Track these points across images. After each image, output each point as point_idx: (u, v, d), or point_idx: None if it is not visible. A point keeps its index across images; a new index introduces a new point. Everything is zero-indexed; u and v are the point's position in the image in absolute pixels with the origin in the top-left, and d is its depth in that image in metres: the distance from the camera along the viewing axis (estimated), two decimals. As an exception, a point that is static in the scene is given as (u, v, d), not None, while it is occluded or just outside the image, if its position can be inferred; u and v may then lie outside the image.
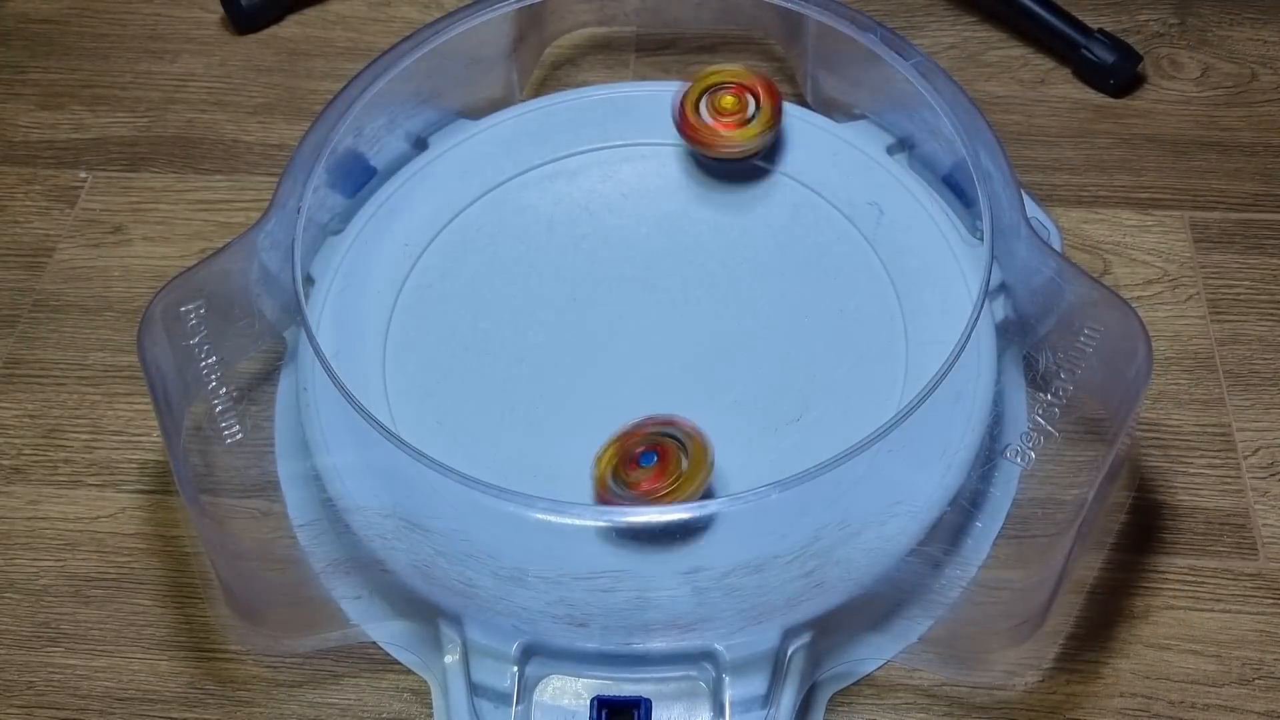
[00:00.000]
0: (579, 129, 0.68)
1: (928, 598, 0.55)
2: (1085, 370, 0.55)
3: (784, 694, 0.51)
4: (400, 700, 0.55)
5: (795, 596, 0.52)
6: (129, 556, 0.60)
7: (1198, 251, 0.69)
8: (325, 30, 0.82)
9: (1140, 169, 0.73)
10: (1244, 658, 0.56)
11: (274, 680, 0.56)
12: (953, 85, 0.62)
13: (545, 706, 0.52)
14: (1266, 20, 0.81)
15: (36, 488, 0.62)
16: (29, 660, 0.57)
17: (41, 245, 0.72)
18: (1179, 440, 0.62)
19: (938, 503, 0.54)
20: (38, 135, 0.77)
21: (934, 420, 0.55)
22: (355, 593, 0.56)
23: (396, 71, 0.64)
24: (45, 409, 0.65)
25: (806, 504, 0.53)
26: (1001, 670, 0.55)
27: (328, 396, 0.56)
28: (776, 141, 0.66)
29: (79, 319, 0.68)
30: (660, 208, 0.65)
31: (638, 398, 0.58)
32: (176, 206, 0.73)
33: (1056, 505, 0.57)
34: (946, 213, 0.64)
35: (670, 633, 0.52)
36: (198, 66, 0.81)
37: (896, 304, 0.61)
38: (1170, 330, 0.66)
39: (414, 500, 0.54)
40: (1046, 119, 0.76)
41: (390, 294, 0.62)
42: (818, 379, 0.58)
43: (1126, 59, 0.76)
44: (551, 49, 0.79)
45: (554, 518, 0.53)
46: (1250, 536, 0.59)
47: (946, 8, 0.82)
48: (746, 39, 0.80)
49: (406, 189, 0.66)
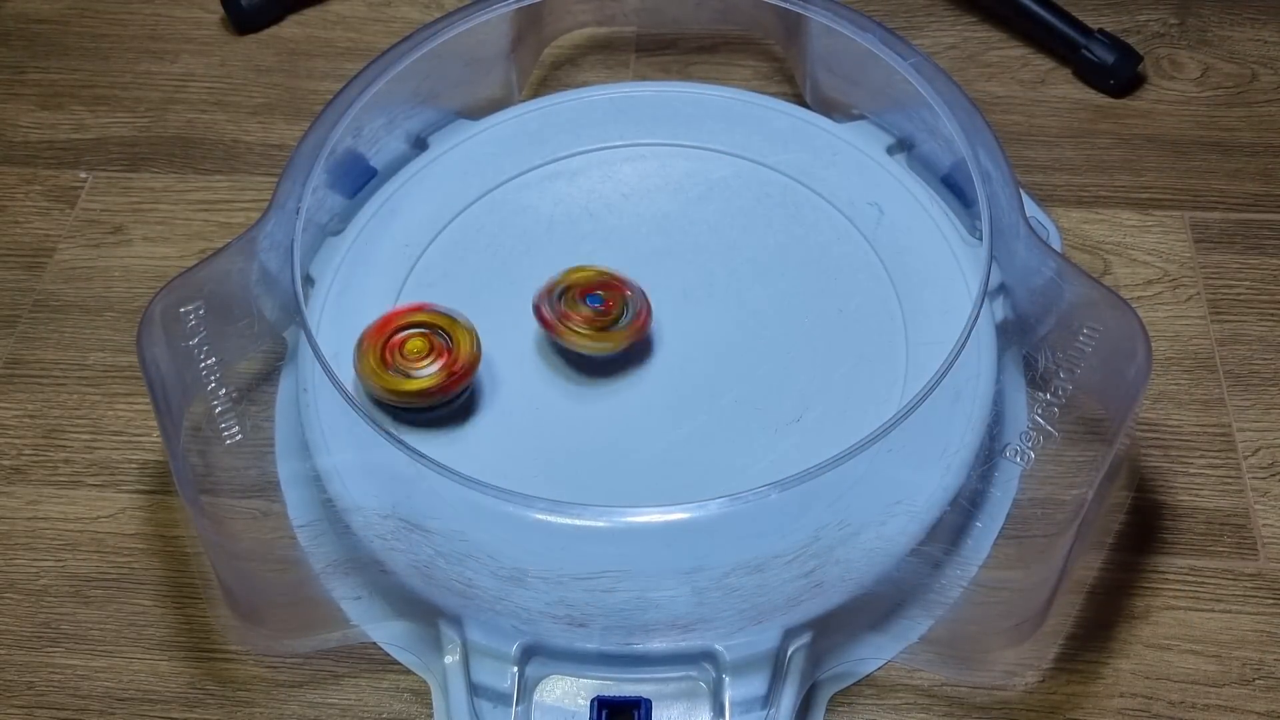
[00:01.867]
0: (579, 129, 0.68)
1: (928, 598, 0.55)
2: (1085, 370, 0.55)
3: (784, 694, 0.51)
4: (400, 700, 0.55)
5: (795, 596, 0.52)
6: (129, 557, 0.60)
7: (1198, 251, 0.69)
8: (325, 30, 0.82)
9: (1140, 169, 0.73)
10: (1244, 658, 0.56)
11: (274, 680, 0.56)
12: (953, 85, 0.62)
13: (545, 707, 0.52)
14: (1266, 20, 0.81)
15: (36, 488, 0.62)
16: (29, 660, 0.57)
17: (42, 245, 0.72)
18: (1179, 440, 0.62)
19: (938, 503, 0.54)
20: (38, 135, 0.77)
21: (934, 420, 0.55)
22: (355, 593, 0.56)
23: (396, 71, 0.64)
24: (45, 409, 0.65)
25: (806, 504, 0.54)
26: (1001, 670, 0.55)
27: (327, 397, 0.56)
28: (777, 142, 0.67)
29: (79, 319, 0.68)
30: (660, 208, 0.65)
31: (638, 398, 0.58)
32: (176, 207, 0.73)
33: (1056, 505, 0.57)
34: (946, 213, 0.64)
35: (670, 633, 0.52)
36: (198, 66, 0.81)
37: (896, 304, 0.60)
38: (1170, 330, 0.66)
39: (414, 501, 0.54)
40: (1046, 119, 0.76)
41: (390, 294, 0.62)
42: (818, 379, 0.58)
43: (1126, 59, 0.76)
44: (551, 49, 0.79)
45: (554, 518, 0.53)
46: (1250, 536, 0.59)
47: (946, 8, 0.82)
48: (746, 39, 0.80)
49: (406, 189, 0.66)
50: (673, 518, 0.52)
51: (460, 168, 0.67)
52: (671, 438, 0.57)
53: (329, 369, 0.54)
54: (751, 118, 0.68)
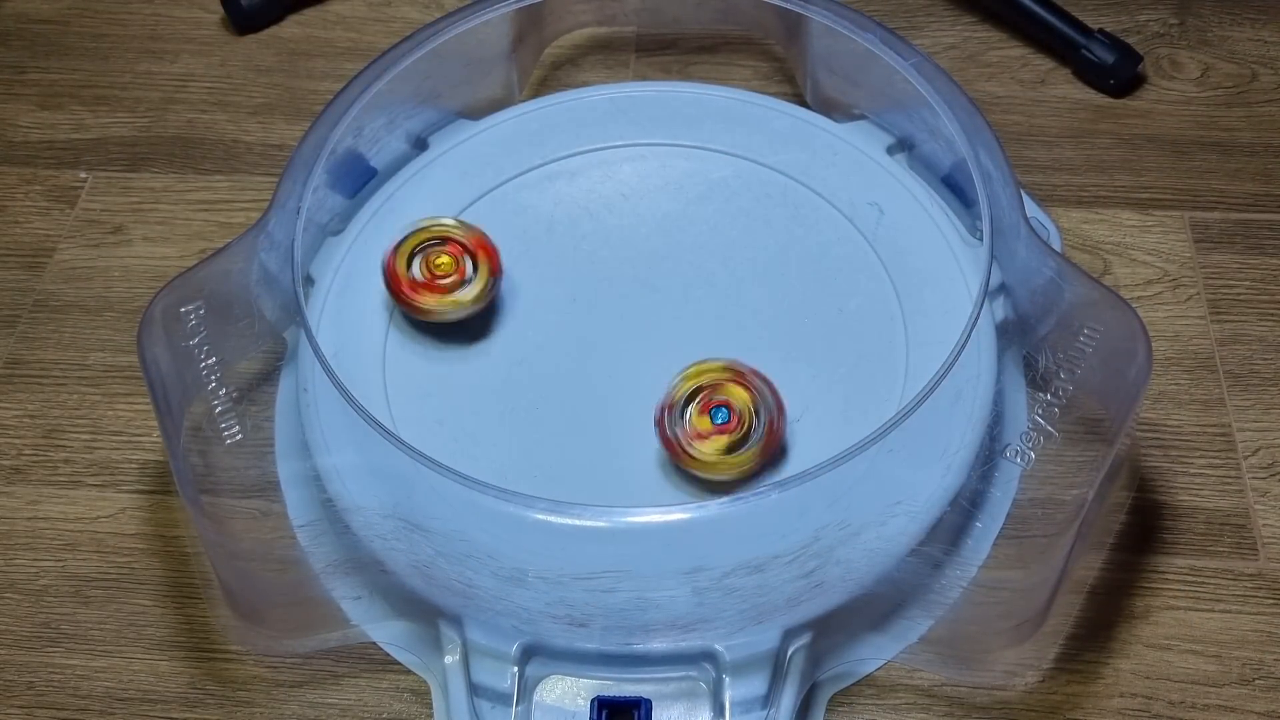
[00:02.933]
0: (579, 129, 0.68)
1: (928, 598, 0.55)
2: (1085, 370, 0.55)
3: (784, 694, 0.51)
4: (400, 700, 0.55)
5: (795, 597, 0.52)
6: (129, 557, 0.60)
7: (1198, 251, 0.69)
8: (325, 30, 0.82)
9: (1140, 169, 0.73)
10: (1244, 658, 0.56)
11: (274, 680, 0.56)
12: (953, 85, 0.62)
13: (545, 707, 0.52)
14: (1266, 20, 0.81)
15: (37, 488, 0.62)
16: (29, 660, 0.57)
17: (42, 245, 0.72)
18: (1179, 440, 0.62)
19: (938, 503, 0.54)
20: (38, 135, 0.77)
21: (934, 420, 0.55)
22: (355, 593, 0.56)
23: (396, 72, 0.64)
24: (45, 409, 0.65)
25: (806, 504, 0.53)
26: (1001, 670, 0.55)
27: (328, 397, 0.56)
28: (777, 142, 0.66)
29: (79, 319, 0.68)
30: (660, 208, 0.65)
31: (638, 398, 0.58)
32: (176, 207, 0.73)
33: (1056, 505, 0.57)
34: (946, 213, 0.64)
35: (670, 633, 0.52)
36: (198, 66, 0.81)
37: (896, 304, 0.61)
38: (1170, 330, 0.66)
39: (414, 501, 0.54)
40: (1046, 119, 0.76)
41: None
42: (818, 379, 0.58)
43: (1126, 59, 0.76)
44: (551, 49, 0.79)
45: (554, 518, 0.53)
46: (1250, 536, 0.59)
47: (946, 8, 0.82)
48: (746, 39, 0.80)
49: (406, 189, 0.66)
50: (673, 518, 0.52)
51: (460, 168, 0.67)
52: (671, 438, 0.57)
53: (329, 369, 0.54)
54: (751, 118, 0.68)
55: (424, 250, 0.59)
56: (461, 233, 0.59)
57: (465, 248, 0.59)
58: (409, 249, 0.59)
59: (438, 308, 0.59)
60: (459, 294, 0.59)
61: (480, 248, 0.59)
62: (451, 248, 0.59)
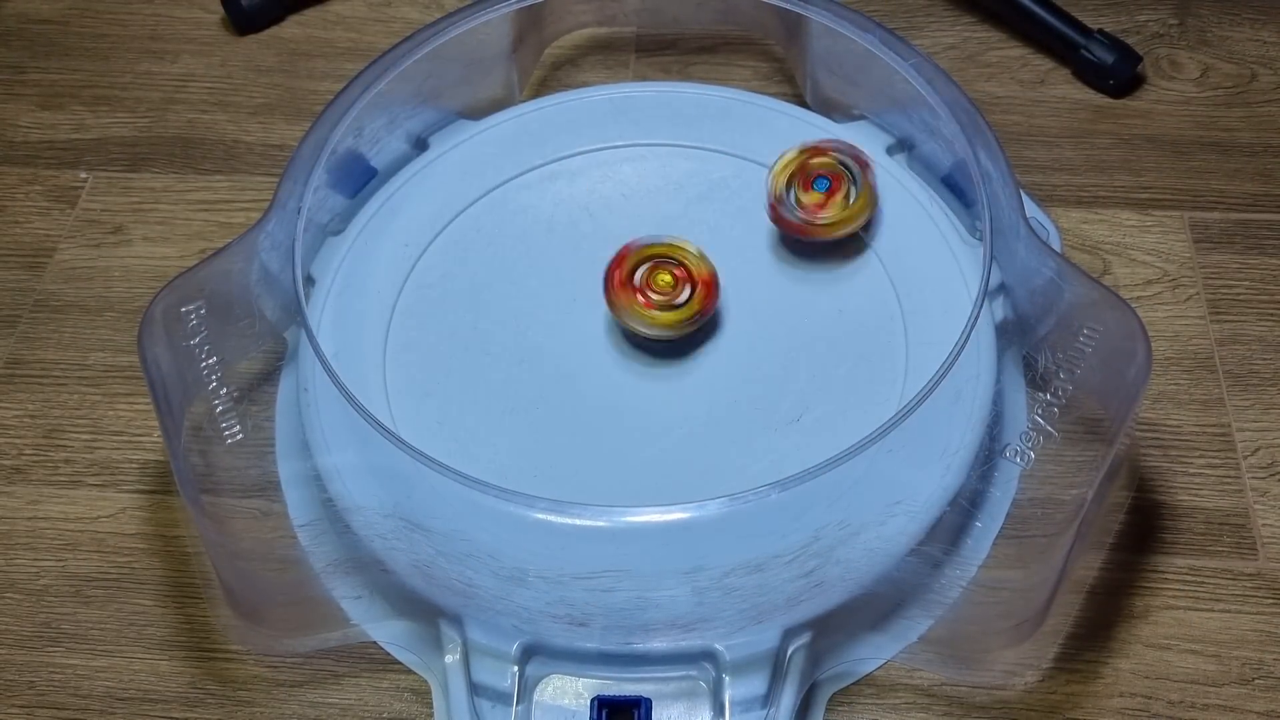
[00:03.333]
0: (579, 129, 0.68)
1: (928, 598, 0.55)
2: (1085, 370, 0.55)
3: (784, 694, 0.51)
4: (400, 700, 0.55)
5: (795, 596, 0.52)
6: (129, 556, 0.60)
7: (1197, 251, 0.69)
8: (325, 30, 0.83)
9: (1140, 169, 0.73)
10: (1244, 658, 0.56)
11: (274, 680, 0.56)
12: (952, 85, 0.62)
13: (545, 706, 0.52)
14: (1266, 20, 0.81)
15: (37, 488, 0.62)
16: (29, 660, 0.57)
17: (42, 245, 0.72)
18: (1179, 440, 0.62)
19: (937, 503, 0.54)
20: (38, 135, 0.77)
21: (934, 420, 0.55)
22: (355, 593, 0.56)
23: (397, 72, 0.64)
24: (46, 409, 0.65)
25: (806, 504, 0.54)
26: (1001, 670, 0.55)
27: (328, 397, 0.56)
28: (777, 142, 0.66)
29: (79, 319, 0.68)
30: (660, 208, 0.65)
31: (638, 398, 0.58)
32: (177, 207, 0.73)
33: (1056, 505, 0.57)
34: (946, 213, 0.64)
35: (670, 633, 0.52)
36: (198, 66, 0.81)
37: (896, 304, 0.61)
38: (1170, 330, 0.66)
39: (414, 500, 0.54)
40: (1046, 119, 0.76)
41: (390, 294, 0.62)
42: (818, 379, 0.58)
43: (1126, 59, 0.76)
44: (551, 49, 0.79)
45: (554, 517, 0.53)
46: (1250, 536, 0.59)
47: (946, 8, 0.82)
48: (746, 39, 0.80)
49: (406, 189, 0.66)
50: (673, 518, 0.52)
51: (460, 168, 0.67)
52: (672, 437, 0.57)
53: (330, 368, 0.54)
54: (751, 118, 0.68)
55: (656, 263, 0.59)
56: (696, 264, 0.59)
57: (690, 277, 0.58)
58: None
59: (635, 315, 0.58)
60: (655, 312, 0.58)
61: (703, 283, 0.58)
62: (680, 272, 0.58)
